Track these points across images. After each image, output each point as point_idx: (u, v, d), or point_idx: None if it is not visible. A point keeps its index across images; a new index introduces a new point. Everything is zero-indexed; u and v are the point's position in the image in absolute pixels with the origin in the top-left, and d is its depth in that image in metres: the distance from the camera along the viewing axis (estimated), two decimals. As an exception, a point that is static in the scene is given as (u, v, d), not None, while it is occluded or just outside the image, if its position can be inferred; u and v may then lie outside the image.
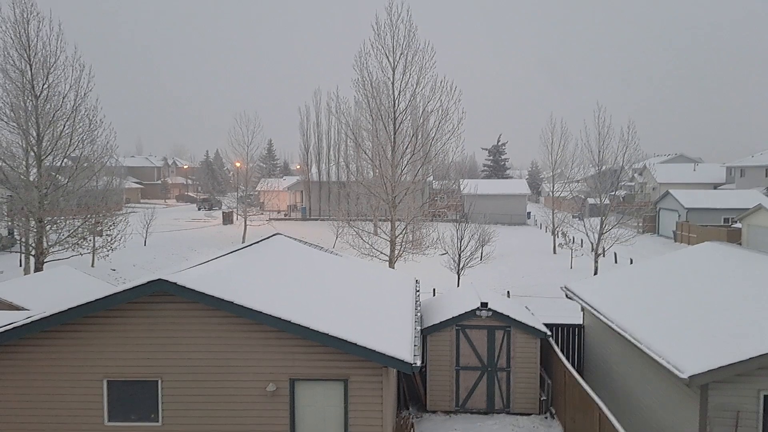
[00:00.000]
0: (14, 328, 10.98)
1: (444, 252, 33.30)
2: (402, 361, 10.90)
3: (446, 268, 33.75)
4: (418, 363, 11.08)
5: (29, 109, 25.73)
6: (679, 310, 13.28)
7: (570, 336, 18.67)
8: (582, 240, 44.80)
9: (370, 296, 15.76)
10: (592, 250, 36.89)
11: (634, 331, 12.95)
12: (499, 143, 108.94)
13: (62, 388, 11.48)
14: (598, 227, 36.50)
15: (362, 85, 29.10)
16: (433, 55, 28.39)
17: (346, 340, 10.87)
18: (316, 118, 78.75)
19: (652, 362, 11.73)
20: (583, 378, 15.95)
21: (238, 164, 59.99)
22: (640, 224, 58.60)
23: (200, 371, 11.45)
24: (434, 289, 29.38)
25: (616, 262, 41.05)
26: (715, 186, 74.84)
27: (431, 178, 48.97)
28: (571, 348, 18.64)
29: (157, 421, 11.53)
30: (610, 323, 14.20)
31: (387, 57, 28.42)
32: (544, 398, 15.81)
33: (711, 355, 10.56)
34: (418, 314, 15.07)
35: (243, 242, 41.57)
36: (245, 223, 54.60)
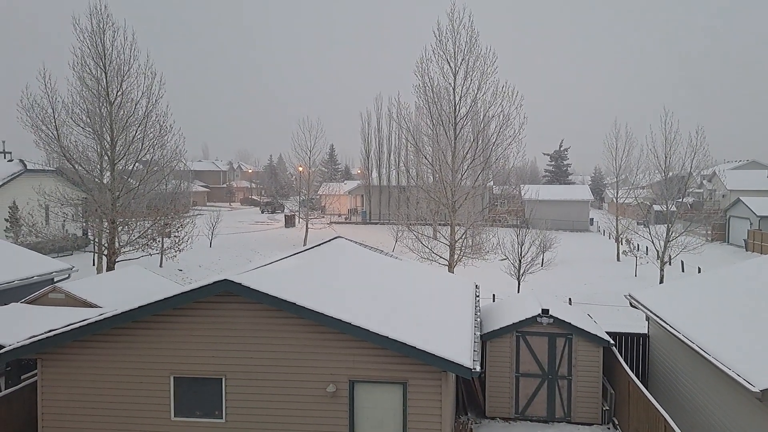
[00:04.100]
0: (88, 324, 11.57)
1: (504, 257, 32.91)
2: (461, 366, 10.87)
3: (506, 274, 33.34)
4: (478, 368, 11.01)
5: (104, 115, 26.90)
6: (751, 322, 12.69)
7: (634, 345, 18.15)
8: (647, 248, 43.39)
9: (430, 300, 15.76)
10: (658, 258, 35.66)
11: (702, 342, 12.48)
12: (561, 148, 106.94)
13: (131, 383, 11.95)
14: (664, 235, 35.30)
15: (423, 91, 29.21)
16: (494, 60, 28.20)
17: (405, 344, 10.92)
18: (377, 123, 79.56)
19: (722, 375, 11.26)
20: (647, 389, 15.47)
21: (300, 168, 61.06)
22: (709, 232, 56.26)
23: (263, 370, 11.73)
24: (494, 295, 29.05)
25: (683, 270, 39.52)
26: (791, 193, 70.88)
27: (491, 183, 48.52)
28: (635, 358, 18.12)
29: (221, 418, 11.88)
30: (677, 333, 13.71)
31: (448, 62, 28.39)
32: (607, 408, 15.40)
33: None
34: (478, 319, 14.96)
35: (304, 245, 42.25)
36: (307, 226, 55.43)
